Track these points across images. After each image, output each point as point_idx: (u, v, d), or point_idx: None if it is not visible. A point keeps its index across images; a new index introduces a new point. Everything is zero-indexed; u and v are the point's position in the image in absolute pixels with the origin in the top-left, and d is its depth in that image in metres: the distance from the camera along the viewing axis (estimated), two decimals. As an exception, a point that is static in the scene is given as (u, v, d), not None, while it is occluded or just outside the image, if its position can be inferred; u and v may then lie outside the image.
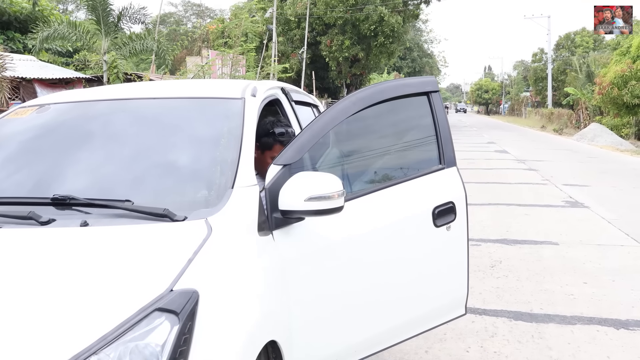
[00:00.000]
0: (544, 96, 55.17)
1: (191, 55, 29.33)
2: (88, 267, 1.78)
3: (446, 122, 2.91)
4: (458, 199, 2.79)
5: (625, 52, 26.67)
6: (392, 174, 2.99)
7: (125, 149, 2.54)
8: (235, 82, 3.10)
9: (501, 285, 4.94)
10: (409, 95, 2.92)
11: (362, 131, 2.95)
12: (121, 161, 2.47)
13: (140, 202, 2.14)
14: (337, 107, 2.62)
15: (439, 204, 2.73)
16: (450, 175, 2.85)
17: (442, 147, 2.86)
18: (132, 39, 11.84)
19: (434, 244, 2.77)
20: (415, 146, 3.07)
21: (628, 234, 6.81)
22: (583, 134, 26.93)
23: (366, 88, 2.78)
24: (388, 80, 3.11)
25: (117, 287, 1.68)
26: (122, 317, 1.56)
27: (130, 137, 2.59)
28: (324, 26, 32.93)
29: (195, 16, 56.44)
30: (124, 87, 3.18)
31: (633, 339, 3.79)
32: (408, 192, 2.74)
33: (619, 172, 13.46)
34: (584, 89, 35.49)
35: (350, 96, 2.70)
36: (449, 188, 2.82)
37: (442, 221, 2.73)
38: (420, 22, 49.27)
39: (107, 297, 1.64)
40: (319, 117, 2.58)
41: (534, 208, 8.63)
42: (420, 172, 2.85)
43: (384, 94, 2.78)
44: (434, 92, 2.93)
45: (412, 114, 3.05)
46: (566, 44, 56.60)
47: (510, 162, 15.65)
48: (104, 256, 1.84)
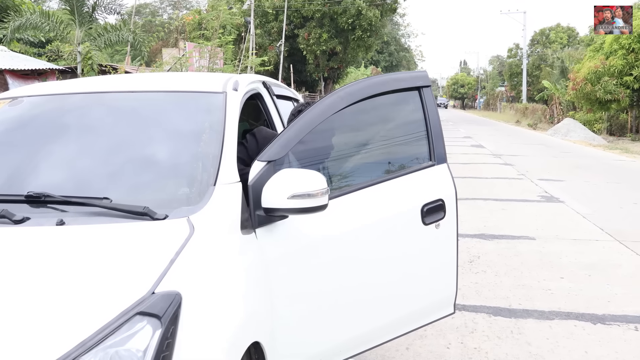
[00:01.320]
0: (518, 91, 55.87)
1: (167, 46, 28.94)
2: (65, 269, 1.71)
3: (437, 118, 2.86)
4: (448, 197, 2.76)
5: (598, 48, 27.10)
6: (380, 170, 2.95)
7: (103, 144, 2.47)
8: (217, 76, 3.04)
9: (480, 280, 4.97)
10: (400, 90, 2.88)
11: (351, 127, 2.90)
12: (99, 157, 2.40)
13: (119, 200, 2.08)
14: (324, 102, 2.55)
15: (428, 202, 2.69)
16: (440, 172, 2.81)
17: (433, 144, 2.82)
18: (107, 30, 11.60)
19: (422, 242, 2.73)
20: (405, 142, 3.02)
21: (602, 229, 6.91)
22: (557, 129, 27.33)
23: (355, 82, 2.72)
24: (378, 75, 3.05)
25: (96, 290, 1.62)
26: (101, 321, 1.50)
27: (108, 132, 2.52)
28: (301, 19, 32.81)
29: (171, 7, 55.70)
30: (102, 80, 3.09)
31: (610, 334, 3.84)
32: (397, 189, 2.69)
33: (593, 167, 13.68)
34: (558, 84, 35.99)
35: (339, 91, 2.64)
36: (438, 185, 2.78)
37: (431, 219, 2.69)
38: (398, 16, 49.35)
39: (85, 300, 1.58)
40: (306, 112, 2.52)
41: (511, 203, 8.71)
42: (409, 169, 2.82)
43: (374, 89, 2.73)
44: (426, 87, 2.87)
45: (402, 110, 3.01)
46: (541, 40, 57.32)
47: (487, 157, 15.79)
48: (81, 257, 1.78)
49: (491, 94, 75.05)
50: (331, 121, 2.58)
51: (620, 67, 23.85)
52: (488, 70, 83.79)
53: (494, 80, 76.96)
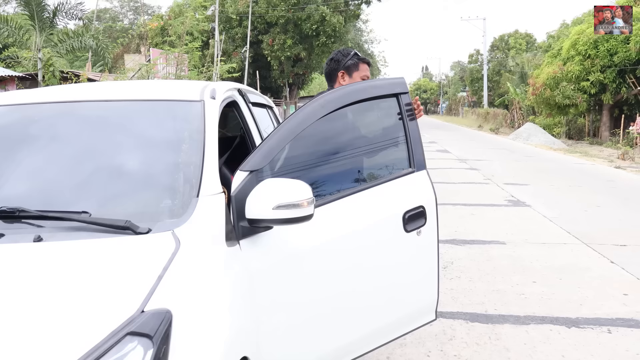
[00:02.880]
0: (480, 96, 56.95)
1: (129, 52, 28.49)
2: (47, 288, 1.62)
3: (416, 124, 2.86)
4: (428, 203, 2.75)
5: (556, 54, 27.91)
6: (361, 178, 2.92)
7: (79, 156, 2.37)
8: (192, 83, 2.96)
9: (455, 286, 4.99)
10: (378, 97, 2.87)
11: (331, 134, 2.87)
12: (75, 170, 2.30)
13: (98, 214, 1.99)
14: (304, 110, 2.52)
15: (410, 209, 2.68)
16: (420, 178, 2.80)
17: (412, 150, 2.81)
18: (69, 36, 11.28)
19: (404, 250, 2.72)
20: (385, 149, 3.01)
21: (569, 232, 7.05)
22: (518, 133, 27.94)
23: (335, 90, 2.71)
24: (357, 82, 3.05)
25: (81, 310, 1.53)
26: (90, 343, 1.43)
27: (83, 142, 2.42)
28: (265, 25, 32.72)
29: (132, 12, 54.91)
30: (73, 88, 2.98)
31: (585, 337, 3.89)
32: (378, 196, 2.67)
33: (555, 170, 14.00)
34: (518, 89, 36.82)
35: (319, 99, 2.62)
36: (419, 192, 2.78)
37: (413, 226, 2.68)
38: (361, 22, 49.72)
39: (71, 321, 1.49)
40: (286, 120, 2.48)
41: (479, 207, 8.83)
42: (390, 176, 2.80)
43: (353, 96, 2.72)
44: (404, 93, 2.87)
45: (381, 117, 3.00)
46: (500, 46, 58.54)
47: (453, 162, 16.00)
48: (64, 275, 1.69)
49: (453, 99, 76.35)
50: (311, 129, 2.54)
51: (578, 72, 24.58)
52: (450, 76, 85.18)
53: (455, 86, 78.26)
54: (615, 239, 6.71)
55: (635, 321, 4.17)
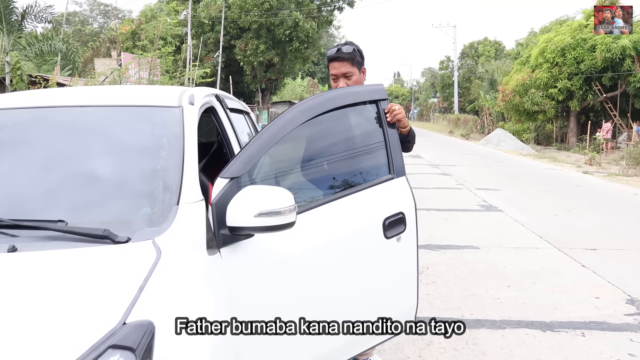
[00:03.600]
0: (450, 102, 57.69)
1: (98, 56, 28.05)
2: (23, 301, 1.57)
3: (395, 131, 2.87)
4: (408, 210, 2.76)
5: (525, 61, 28.45)
6: (342, 184, 2.91)
7: (54, 163, 2.30)
8: (170, 89, 2.91)
9: (431, 292, 5.02)
10: (358, 104, 2.87)
11: (311, 141, 2.86)
12: (50, 177, 2.23)
13: (75, 223, 1.94)
14: (285, 116, 2.51)
15: (389, 215, 2.68)
16: (399, 185, 2.81)
17: (392, 157, 2.82)
18: (38, 39, 11.03)
19: (384, 256, 2.72)
20: (364, 156, 3.00)
21: (541, 237, 7.17)
22: (489, 139, 28.36)
23: (315, 96, 2.70)
24: (338, 89, 3.03)
25: (61, 323, 1.48)
26: (71, 357, 1.38)
27: (58, 149, 2.35)
28: (238, 30, 32.58)
29: (101, 16, 54.13)
30: (48, 93, 2.90)
31: (559, 341, 3.95)
32: (358, 203, 2.67)
33: (525, 175, 14.23)
34: (488, 95, 37.42)
35: (299, 105, 2.60)
36: (398, 198, 2.78)
37: (393, 232, 2.69)
38: (333, 28, 50.00)
39: (51, 335, 1.44)
40: (267, 127, 2.46)
41: (452, 213, 8.91)
42: (370, 183, 2.79)
43: (334, 102, 2.71)
44: (383, 100, 2.88)
45: (361, 123, 3.00)
46: (470, 53, 59.41)
47: (425, 167, 16.14)
48: (40, 287, 1.63)
49: (424, 105, 77.17)
50: (291, 135, 2.53)
51: (546, 79, 25.12)
52: (421, 82, 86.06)
53: (426, 92, 79.12)
54: (585, 243, 6.84)
55: (608, 324, 4.24)
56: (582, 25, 24.78)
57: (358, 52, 3.16)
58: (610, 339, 3.97)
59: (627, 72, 22.82)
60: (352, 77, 3.11)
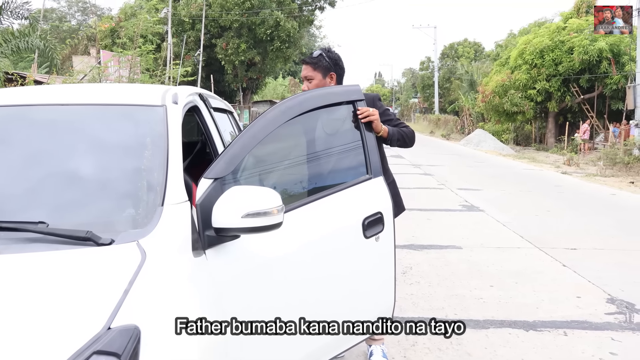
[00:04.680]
0: (431, 103, 58.06)
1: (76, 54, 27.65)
2: (2, 306, 1.51)
3: (372, 131, 2.90)
4: (386, 210, 2.78)
5: (504, 62, 28.75)
6: (321, 185, 2.90)
7: (34, 162, 2.23)
8: (153, 88, 2.87)
9: (415, 292, 5.02)
10: (336, 104, 2.89)
11: (290, 142, 2.85)
12: (30, 177, 2.17)
13: (56, 224, 1.88)
14: (266, 116, 2.51)
15: (368, 215, 2.70)
16: (377, 185, 2.82)
17: (369, 157, 2.83)
18: (14, 36, 10.81)
19: (364, 256, 2.73)
20: (343, 156, 3.01)
21: (522, 236, 7.22)
22: (469, 139, 28.59)
23: (294, 96, 2.70)
24: (316, 89, 3.04)
25: (43, 328, 1.43)
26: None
27: (39, 148, 2.29)
28: (219, 29, 32.36)
29: (80, 13, 53.42)
30: (28, 91, 2.83)
31: (542, 340, 3.97)
32: (338, 203, 2.68)
33: (505, 176, 14.36)
34: (468, 96, 37.73)
35: (280, 105, 2.60)
36: (376, 198, 2.79)
37: (372, 232, 2.70)
38: (315, 27, 49.89)
39: (32, 341, 1.39)
40: (249, 127, 2.44)
41: (435, 213, 8.94)
42: (349, 183, 2.79)
43: (312, 103, 2.73)
44: (360, 100, 2.91)
45: (338, 123, 3.00)
46: (450, 54, 59.84)
47: (407, 167, 16.20)
48: (20, 290, 1.57)
49: (405, 105, 77.51)
50: (272, 136, 2.51)
51: (525, 81, 25.40)
52: (402, 82, 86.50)
53: (407, 92, 79.50)
54: (565, 242, 6.91)
55: (589, 323, 4.28)
56: (560, 27, 25.12)
57: (328, 59, 3.27)
58: (592, 338, 4.00)
59: (604, 74, 23.19)
60: (313, 81, 3.26)
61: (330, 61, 3.28)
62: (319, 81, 3.26)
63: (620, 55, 23.16)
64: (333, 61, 3.30)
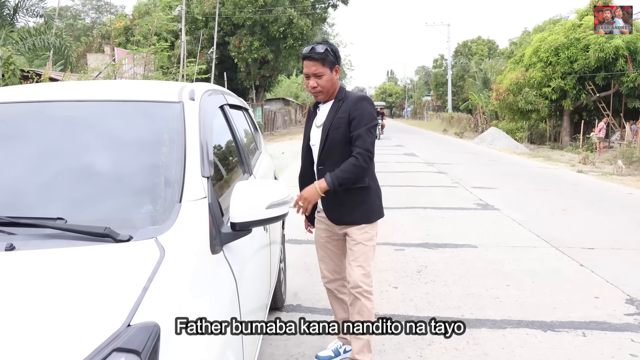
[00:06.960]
0: (444, 100, 57.78)
1: (91, 51, 27.85)
2: (23, 301, 1.50)
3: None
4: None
5: (518, 60, 28.46)
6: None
7: (53, 159, 2.23)
8: (170, 84, 2.87)
9: (430, 290, 4.97)
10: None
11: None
12: (49, 173, 2.16)
13: (75, 220, 1.87)
14: None
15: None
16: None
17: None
18: (30, 34, 10.87)
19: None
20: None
21: (538, 235, 7.14)
22: (483, 137, 28.37)
23: None
24: None
25: (62, 325, 1.41)
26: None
27: (57, 145, 2.29)
28: (232, 26, 32.40)
29: (94, 11, 53.79)
30: (46, 87, 2.83)
31: (560, 341, 3.91)
32: None
33: (520, 174, 14.23)
34: (482, 94, 37.46)
35: None
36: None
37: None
38: (327, 25, 49.78)
39: (52, 338, 1.37)
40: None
41: (449, 211, 8.87)
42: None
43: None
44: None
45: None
46: (463, 51, 59.51)
47: (420, 165, 16.11)
48: (40, 286, 1.56)
49: (418, 103, 77.25)
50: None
51: (539, 78, 25.14)
52: (414, 80, 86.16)
53: (420, 90, 79.19)
54: (582, 242, 6.83)
55: (608, 324, 4.22)
56: (576, 25, 24.81)
57: (332, 52, 3.23)
58: (612, 339, 3.94)
59: (620, 72, 22.88)
60: (323, 77, 3.21)
61: (334, 54, 3.25)
62: (329, 76, 3.22)
63: (637, 53, 22.81)
64: (336, 54, 3.28)
